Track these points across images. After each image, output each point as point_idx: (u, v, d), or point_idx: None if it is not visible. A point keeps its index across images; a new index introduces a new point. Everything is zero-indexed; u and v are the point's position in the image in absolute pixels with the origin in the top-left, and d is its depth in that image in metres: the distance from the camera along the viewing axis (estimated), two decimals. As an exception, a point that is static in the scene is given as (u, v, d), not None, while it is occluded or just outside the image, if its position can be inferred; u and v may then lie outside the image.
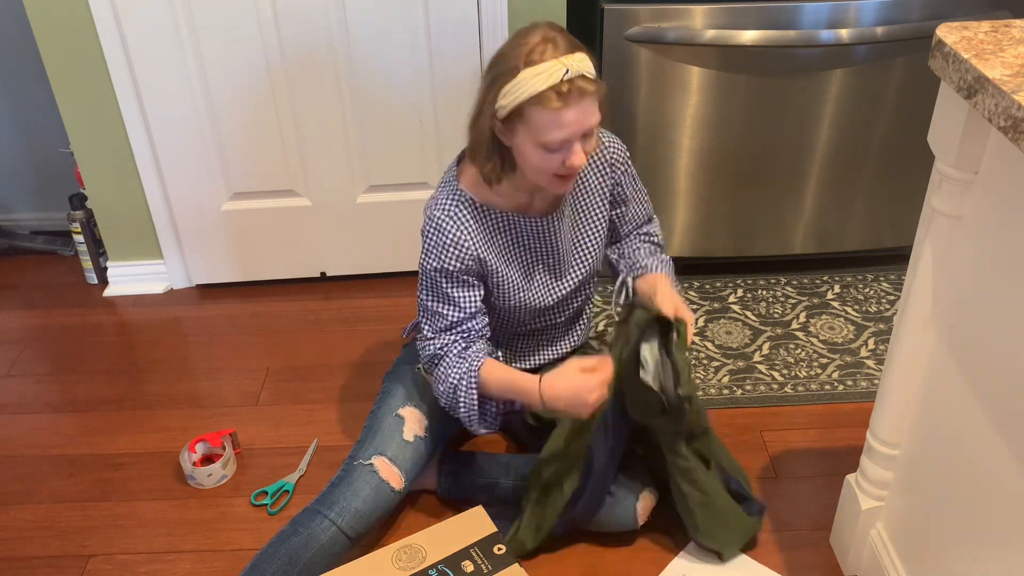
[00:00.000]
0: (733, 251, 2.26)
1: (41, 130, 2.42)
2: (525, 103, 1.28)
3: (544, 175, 1.37)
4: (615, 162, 1.55)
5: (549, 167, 1.34)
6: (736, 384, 1.94)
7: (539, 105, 1.27)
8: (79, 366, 2.08)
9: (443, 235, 1.43)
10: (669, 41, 1.93)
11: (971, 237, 1.12)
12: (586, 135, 1.34)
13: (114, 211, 2.23)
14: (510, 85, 1.28)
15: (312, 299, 2.30)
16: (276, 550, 1.41)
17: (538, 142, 1.31)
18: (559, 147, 1.31)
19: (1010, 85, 0.93)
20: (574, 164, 1.33)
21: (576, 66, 1.27)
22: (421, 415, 1.58)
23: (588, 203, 1.56)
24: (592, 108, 1.32)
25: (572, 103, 1.28)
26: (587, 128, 1.32)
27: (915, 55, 1.98)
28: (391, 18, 1.98)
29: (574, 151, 1.33)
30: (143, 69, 2.02)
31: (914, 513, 1.31)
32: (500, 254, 1.50)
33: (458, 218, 1.44)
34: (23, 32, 2.22)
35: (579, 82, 1.27)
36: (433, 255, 1.44)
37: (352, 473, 1.50)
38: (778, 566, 1.53)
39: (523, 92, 1.27)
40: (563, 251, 1.55)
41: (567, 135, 1.30)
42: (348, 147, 2.15)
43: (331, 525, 1.43)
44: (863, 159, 2.12)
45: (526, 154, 1.34)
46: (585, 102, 1.29)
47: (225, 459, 1.73)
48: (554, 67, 1.26)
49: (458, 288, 1.47)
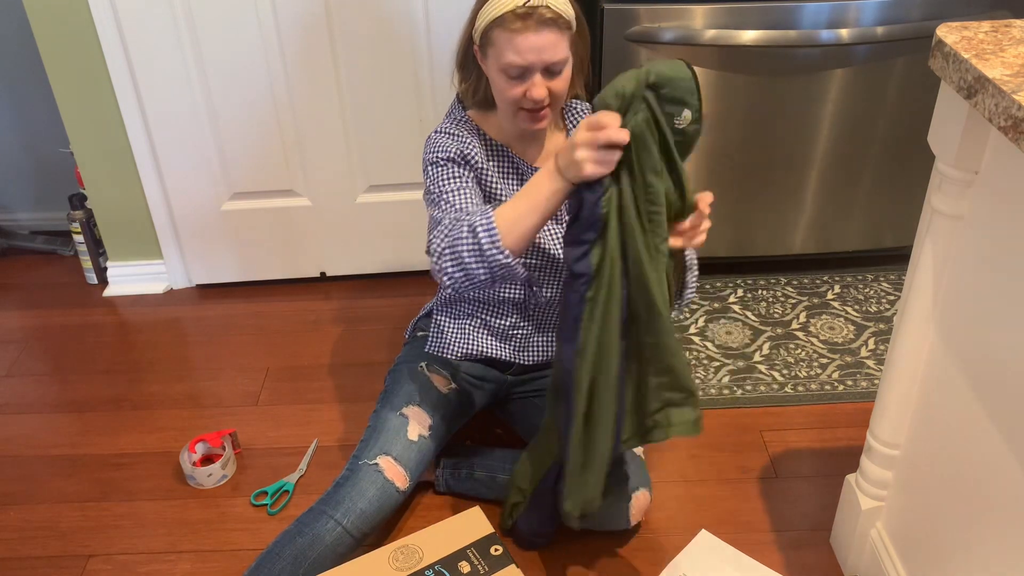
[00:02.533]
0: (733, 251, 2.26)
1: (41, 130, 2.42)
2: (491, 24, 1.33)
3: (510, 106, 1.39)
4: None
5: (512, 96, 1.37)
6: (736, 384, 1.94)
7: (500, 27, 1.32)
8: (79, 366, 2.09)
9: (445, 137, 1.47)
10: (669, 41, 1.92)
11: (971, 237, 1.12)
12: (550, 70, 1.35)
13: (114, 211, 2.23)
14: (485, 7, 1.34)
15: (312, 299, 2.30)
16: (281, 550, 1.41)
17: (500, 67, 1.35)
18: (518, 74, 1.34)
19: (1010, 85, 0.93)
20: (534, 96, 1.35)
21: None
22: (425, 415, 1.58)
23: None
24: (556, 41, 1.33)
25: (530, 28, 1.31)
26: (548, 60, 1.33)
27: (915, 55, 1.98)
28: (391, 18, 1.98)
29: (534, 82, 1.35)
30: (143, 69, 2.02)
31: (914, 513, 1.31)
32: (495, 176, 1.51)
33: (459, 133, 1.48)
34: (23, 32, 2.22)
35: (542, 10, 1.30)
36: (435, 152, 1.43)
37: (357, 473, 1.49)
38: (778, 566, 1.53)
39: (491, 14, 1.32)
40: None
41: (524, 61, 1.32)
42: (348, 147, 2.15)
43: (336, 525, 1.43)
44: (863, 159, 2.12)
45: (494, 81, 1.39)
46: (546, 31, 1.31)
47: (225, 459, 1.73)
48: None
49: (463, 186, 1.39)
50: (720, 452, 1.77)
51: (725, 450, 1.77)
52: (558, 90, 1.38)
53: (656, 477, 1.70)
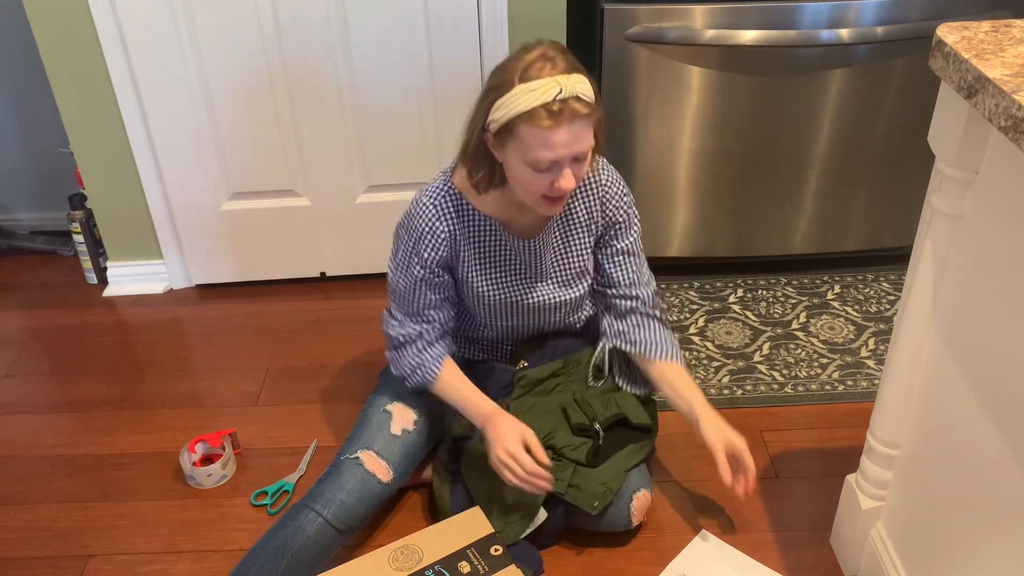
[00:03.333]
0: (733, 251, 2.26)
1: (41, 130, 2.42)
2: (516, 119, 1.26)
3: (532, 195, 1.35)
4: (607, 198, 1.51)
5: (537, 188, 1.33)
6: (736, 384, 1.94)
7: (529, 123, 1.25)
8: (79, 366, 2.08)
9: (422, 221, 1.45)
10: (669, 41, 1.92)
11: (971, 237, 1.12)
12: (577, 159, 1.31)
13: (114, 211, 2.23)
14: (503, 99, 1.27)
15: (312, 299, 2.30)
16: (264, 545, 1.42)
17: (526, 160, 1.29)
18: (548, 168, 1.29)
19: (1010, 85, 0.92)
20: (562, 187, 1.31)
21: (571, 87, 1.24)
22: (409, 410, 1.60)
23: (573, 233, 1.53)
24: (585, 132, 1.29)
25: (563, 124, 1.25)
26: (578, 152, 1.29)
27: (915, 55, 1.98)
28: (391, 17, 1.98)
29: (564, 174, 1.30)
30: (143, 69, 2.02)
31: (914, 513, 1.31)
32: (473, 256, 1.51)
33: (441, 208, 1.45)
34: (23, 32, 2.22)
35: (572, 103, 1.24)
36: (410, 237, 1.46)
37: (338, 468, 1.52)
38: (778, 566, 1.53)
39: (515, 108, 1.25)
40: (539, 273, 1.55)
41: (556, 156, 1.27)
42: (348, 147, 2.15)
43: (316, 516, 1.44)
44: (863, 159, 2.12)
45: (515, 172, 1.33)
46: (577, 125, 1.27)
47: (225, 459, 1.73)
48: (548, 85, 1.24)
49: (429, 275, 1.48)
50: (720, 452, 1.77)
51: (725, 450, 1.77)
52: (582, 175, 1.36)
53: (656, 477, 1.70)
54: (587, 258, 1.56)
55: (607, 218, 1.53)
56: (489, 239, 1.50)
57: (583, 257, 1.56)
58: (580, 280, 1.58)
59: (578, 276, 1.58)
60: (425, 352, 1.53)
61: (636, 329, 1.58)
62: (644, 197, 2.15)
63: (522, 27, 2.01)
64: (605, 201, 1.51)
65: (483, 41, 2.02)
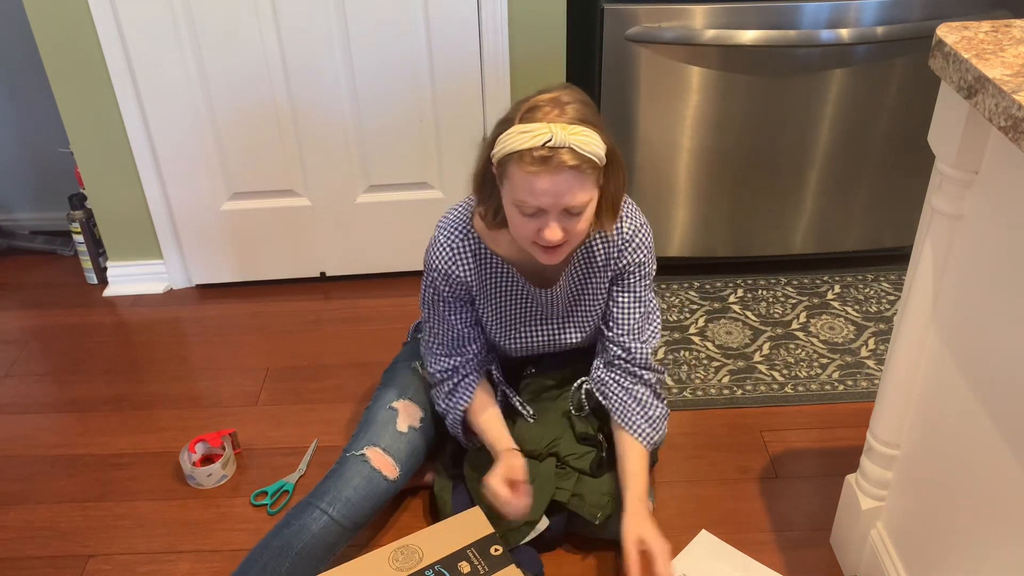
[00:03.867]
0: (733, 251, 2.26)
1: (41, 130, 2.42)
2: (508, 157, 1.24)
3: (524, 240, 1.32)
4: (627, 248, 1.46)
5: (525, 233, 1.29)
6: (736, 384, 1.94)
7: (517, 164, 1.23)
8: (79, 366, 2.08)
9: (440, 261, 1.44)
10: (669, 41, 1.92)
11: (971, 237, 1.12)
12: (569, 212, 1.26)
13: (114, 211, 2.23)
14: (503, 135, 1.25)
15: (312, 299, 2.30)
16: (269, 542, 1.41)
17: (514, 201, 1.27)
18: (532, 213, 1.26)
19: (1010, 85, 0.92)
20: (547, 239, 1.27)
21: (563, 137, 1.20)
22: (415, 407, 1.60)
23: (591, 281, 1.50)
24: (575, 186, 1.23)
25: (547, 172, 1.21)
26: (566, 205, 1.24)
27: (915, 55, 1.98)
28: (391, 18, 1.98)
29: (550, 226, 1.26)
30: (143, 69, 2.02)
31: (914, 513, 1.31)
32: (489, 297, 1.50)
33: (457, 251, 1.44)
34: (23, 32, 2.22)
35: (562, 153, 1.20)
36: (429, 273, 1.47)
37: (344, 464, 1.51)
38: (778, 566, 1.53)
39: (508, 146, 1.23)
40: (554, 319, 1.54)
41: (539, 204, 1.24)
42: (348, 147, 2.15)
43: (322, 514, 1.43)
44: (863, 159, 2.12)
45: (508, 211, 1.31)
46: (565, 176, 1.22)
47: (225, 459, 1.73)
48: (540, 129, 1.20)
49: (453, 312, 1.49)
50: (720, 452, 1.77)
51: (725, 450, 1.77)
52: (576, 231, 1.29)
53: (656, 477, 1.70)
54: (604, 305, 1.53)
55: (623, 264, 1.48)
56: (505, 284, 1.48)
57: (600, 304, 1.53)
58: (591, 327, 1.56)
59: (594, 323, 1.55)
60: (458, 387, 1.53)
61: (617, 387, 1.51)
62: (644, 197, 2.15)
63: (522, 27, 2.01)
64: (623, 250, 1.46)
65: (483, 41, 2.02)
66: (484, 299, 1.50)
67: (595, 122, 1.26)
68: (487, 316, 1.52)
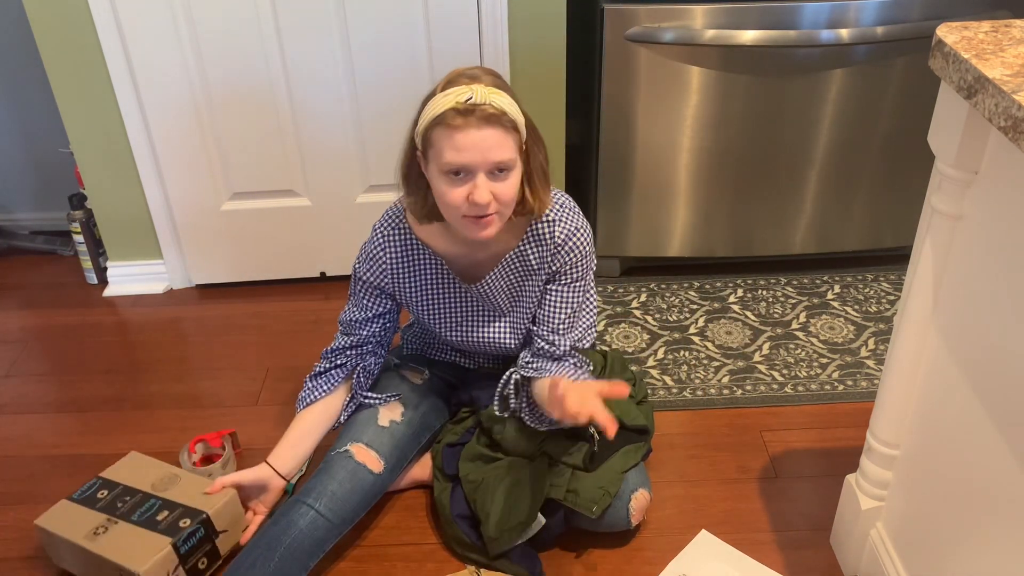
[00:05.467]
0: (733, 251, 2.26)
1: (41, 130, 2.42)
2: (430, 124, 1.28)
3: (454, 213, 1.33)
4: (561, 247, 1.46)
5: (455, 201, 1.30)
6: (736, 384, 1.94)
7: (440, 124, 1.26)
8: (79, 366, 2.08)
9: (370, 244, 1.50)
10: (669, 41, 1.93)
11: (971, 237, 1.12)
12: (496, 171, 1.29)
13: (114, 211, 2.23)
14: (425, 108, 1.30)
15: (312, 299, 2.30)
16: (257, 541, 1.42)
17: (440, 167, 1.29)
18: (458, 171, 1.28)
19: (1010, 85, 0.93)
20: (476, 199, 1.28)
21: (485, 94, 1.25)
22: (396, 404, 1.63)
23: (526, 280, 1.51)
24: (500, 140, 1.27)
25: (472, 125, 1.25)
26: (493, 161, 1.27)
27: (915, 55, 1.98)
28: (391, 17, 1.98)
29: (477, 183, 1.28)
30: (142, 69, 2.02)
31: (914, 513, 1.31)
32: (419, 289, 1.53)
33: (388, 239, 1.49)
34: (23, 32, 2.22)
35: (484, 107, 1.25)
36: (360, 258, 1.52)
37: (328, 462, 1.53)
38: (778, 566, 1.53)
39: (431, 112, 1.28)
40: (484, 316, 1.56)
41: (465, 160, 1.26)
42: (348, 147, 2.15)
43: (308, 509, 1.44)
44: (863, 159, 2.12)
45: (436, 187, 1.33)
46: (489, 129, 1.26)
47: (225, 459, 1.73)
48: (461, 90, 1.26)
49: (367, 295, 1.55)
50: (720, 452, 1.77)
51: (725, 450, 1.77)
52: (504, 195, 1.31)
53: (656, 477, 1.70)
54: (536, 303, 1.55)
55: (557, 266, 1.48)
56: (434, 277, 1.52)
57: (534, 305, 1.54)
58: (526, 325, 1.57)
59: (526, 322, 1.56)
60: (324, 375, 1.61)
61: (544, 362, 1.51)
62: (644, 197, 2.15)
63: (522, 27, 2.01)
64: (556, 253, 1.47)
65: (483, 41, 2.02)
66: (415, 291, 1.53)
67: (512, 93, 1.32)
68: (423, 311, 1.56)
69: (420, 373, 1.70)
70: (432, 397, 1.68)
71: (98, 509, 1.49)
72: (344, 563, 1.55)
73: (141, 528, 1.45)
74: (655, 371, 1.97)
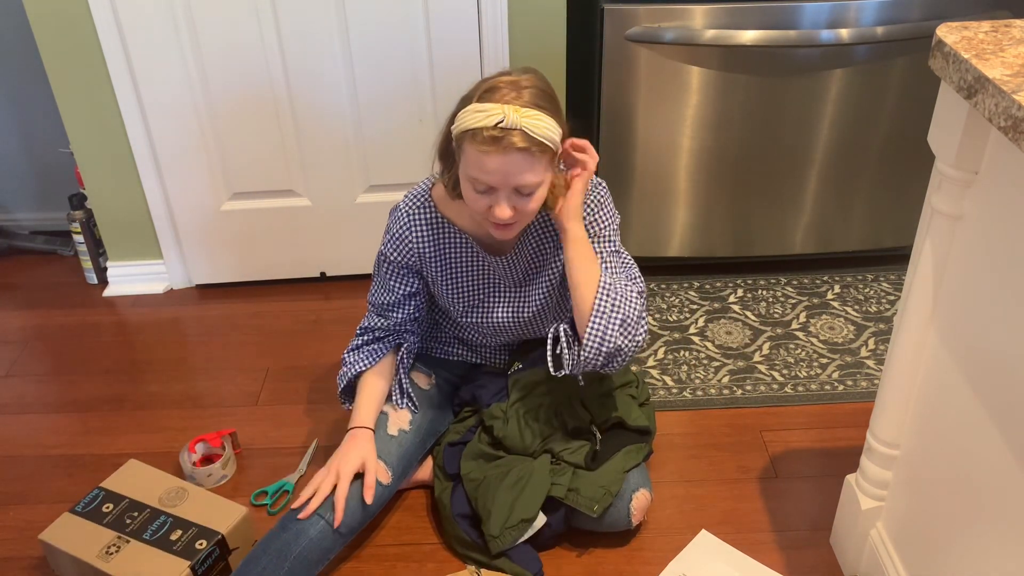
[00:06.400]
0: (733, 251, 2.26)
1: (41, 130, 2.42)
2: (463, 134, 1.29)
3: (476, 213, 1.37)
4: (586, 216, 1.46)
5: (477, 208, 1.34)
6: (736, 384, 1.94)
7: (471, 141, 1.27)
8: (79, 366, 2.08)
9: (396, 225, 1.50)
10: (669, 41, 1.93)
11: (971, 237, 1.12)
12: (518, 192, 1.31)
13: (114, 211, 2.23)
14: (461, 112, 1.29)
15: (312, 299, 2.30)
16: (266, 547, 1.41)
17: (467, 177, 1.32)
18: (483, 190, 1.31)
19: (1010, 85, 0.93)
20: (496, 216, 1.31)
21: (515, 119, 1.24)
22: (405, 410, 1.62)
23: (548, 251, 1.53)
24: (524, 167, 1.27)
25: (497, 152, 1.25)
26: (515, 185, 1.29)
27: (915, 55, 1.98)
28: (391, 17, 1.98)
29: (499, 202, 1.31)
30: (143, 69, 2.02)
31: (914, 513, 1.31)
32: (445, 266, 1.53)
33: (415, 219, 1.49)
34: (23, 32, 2.22)
35: (513, 135, 1.24)
36: (385, 240, 1.52)
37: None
38: (778, 566, 1.53)
39: (463, 124, 1.28)
40: (511, 290, 1.56)
41: (489, 181, 1.28)
42: (348, 147, 2.15)
43: (319, 519, 1.44)
44: (863, 159, 2.12)
45: (462, 183, 1.35)
46: (514, 157, 1.26)
47: (225, 459, 1.73)
48: (493, 110, 1.25)
49: (395, 277, 1.54)
50: (720, 452, 1.77)
51: (725, 450, 1.77)
52: (527, 209, 1.33)
53: (656, 477, 1.70)
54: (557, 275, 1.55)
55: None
56: (461, 253, 1.52)
57: (557, 273, 1.55)
58: (549, 298, 1.57)
59: (554, 293, 1.57)
60: (366, 346, 1.60)
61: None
62: (644, 197, 2.15)
63: (522, 27, 2.01)
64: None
65: (483, 41, 2.02)
66: (440, 270, 1.53)
67: (551, 108, 1.30)
68: (446, 289, 1.55)
69: (428, 376, 1.70)
70: (439, 402, 1.68)
71: (106, 525, 1.47)
72: (344, 563, 1.55)
73: (156, 548, 1.43)
74: (655, 371, 1.98)
